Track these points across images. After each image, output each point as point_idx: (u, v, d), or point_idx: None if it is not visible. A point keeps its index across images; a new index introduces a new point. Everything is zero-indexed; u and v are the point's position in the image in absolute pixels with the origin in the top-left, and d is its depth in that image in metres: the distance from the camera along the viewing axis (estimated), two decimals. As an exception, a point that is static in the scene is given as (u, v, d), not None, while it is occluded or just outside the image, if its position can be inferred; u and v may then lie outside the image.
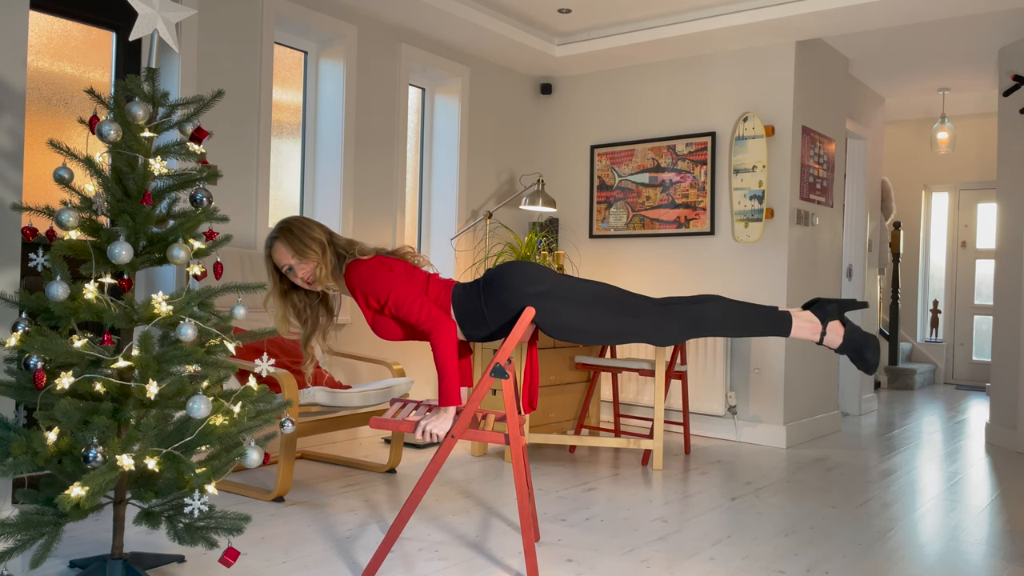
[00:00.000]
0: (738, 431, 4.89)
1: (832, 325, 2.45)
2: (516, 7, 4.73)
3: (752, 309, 2.44)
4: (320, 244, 2.48)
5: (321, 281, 2.48)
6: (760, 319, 2.43)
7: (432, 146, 5.30)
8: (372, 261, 2.48)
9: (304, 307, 2.61)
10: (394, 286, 2.42)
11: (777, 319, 2.43)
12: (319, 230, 2.51)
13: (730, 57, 5.01)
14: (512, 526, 2.98)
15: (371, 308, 2.46)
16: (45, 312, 2.05)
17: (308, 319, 2.61)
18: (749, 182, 4.87)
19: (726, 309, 2.41)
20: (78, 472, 1.99)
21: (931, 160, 8.37)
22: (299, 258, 2.46)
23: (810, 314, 2.45)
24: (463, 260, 5.25)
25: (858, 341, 2.44)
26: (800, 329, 2.44)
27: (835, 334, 2.44)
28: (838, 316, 2.45)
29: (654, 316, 2.40)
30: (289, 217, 2.54)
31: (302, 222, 2.51)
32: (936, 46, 5.08)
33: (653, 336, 2.40)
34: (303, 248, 2.46)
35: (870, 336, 2.45)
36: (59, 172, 2.04)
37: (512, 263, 2.48)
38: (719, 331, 2.42)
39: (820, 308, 2.45)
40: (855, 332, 2.45)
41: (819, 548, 2.83)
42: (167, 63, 3.74)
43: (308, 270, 2.48)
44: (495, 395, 4.21)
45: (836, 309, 2.44)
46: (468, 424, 2.46)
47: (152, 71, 2.11)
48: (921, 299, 8.56)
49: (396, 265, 2.50)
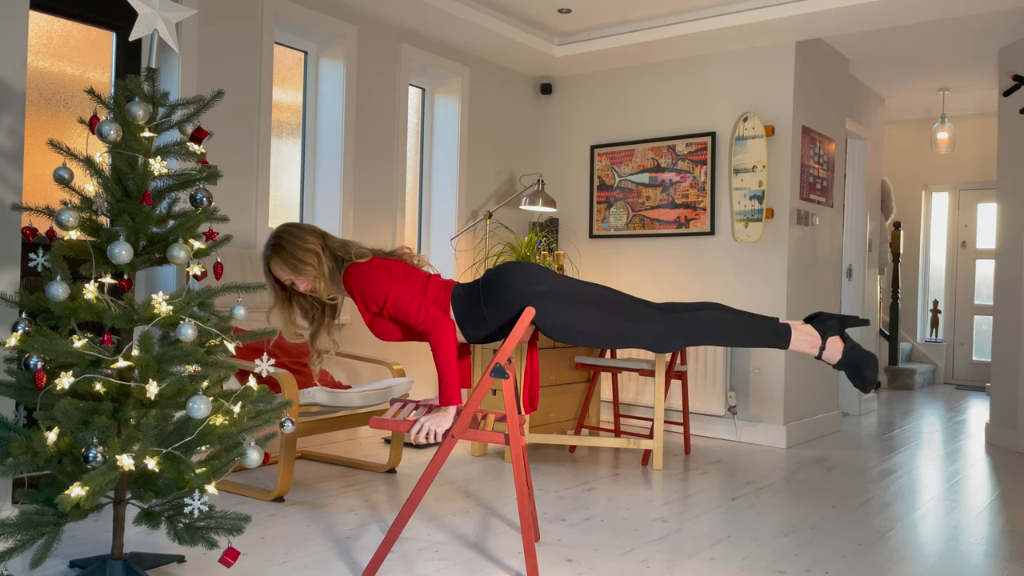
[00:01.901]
0: (738, 431, 4.89)
1: (832, 340, 2.44)
2: (516, 7, 4.73)
3: (752, 320, 2.43)
4: (315, 255, 2.46)
5: (321, 292, 2.48)
6: (759, 330, 2.42)
7: (432, 146, 5.30)
8: (369, 264, 2.47)
9: (311, 306, 2.62)
10: (392, 287, 2.41)
11: (776, 331, 2.43)
12: (312, 239, 2.48)
13: (730, 57, 5.01)
14: (512, 526, 2.98)
15: (369, 311, 2.46)
16: (45, 312, 2.05)
17: (315, 317, 2.62)
18: (749, 182, 4.87)
19: (726, 319, 2.41)
20: (78, 472, 1.99)
21: (931, 160, 8.37)
22: (296, 273, 2.46)
23: (810, 327, 2.44)
24: (463, 260, 5.25)
25: (857, 358, 2.43)
26: (799, 342, 2.43)
27: (834, 349, 2.43)
28: (838, 332, 2.43)
29: (654, 322, 2.39)
30: (280, 229, 2.50)
31: (293, 234, 2.47)
32: (936, 46, 5.08)
33: (652, 342, 2.40)
34: (298, 264, 2.45)
35: (870, 354, 2.44)
36: (59, 172, 2.04)
37: (512, 263, 2.47)
38: (718, 340, 2.41)
39: (821, 323, 2.44)
40: (855, 349, 2.44)
41: (819, 548, 2.83)
42: (167, 63, 3.74)
43: (307, 283, 2.48)
44: (495, 395, 4.21)
45: (837, 325, 2.43)
46: (468, 424, 2.46)
47: (152, 71, 2.11)
48: (921, 299, 8.56)
49: (394, 266, 2.49)
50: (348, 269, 2.46)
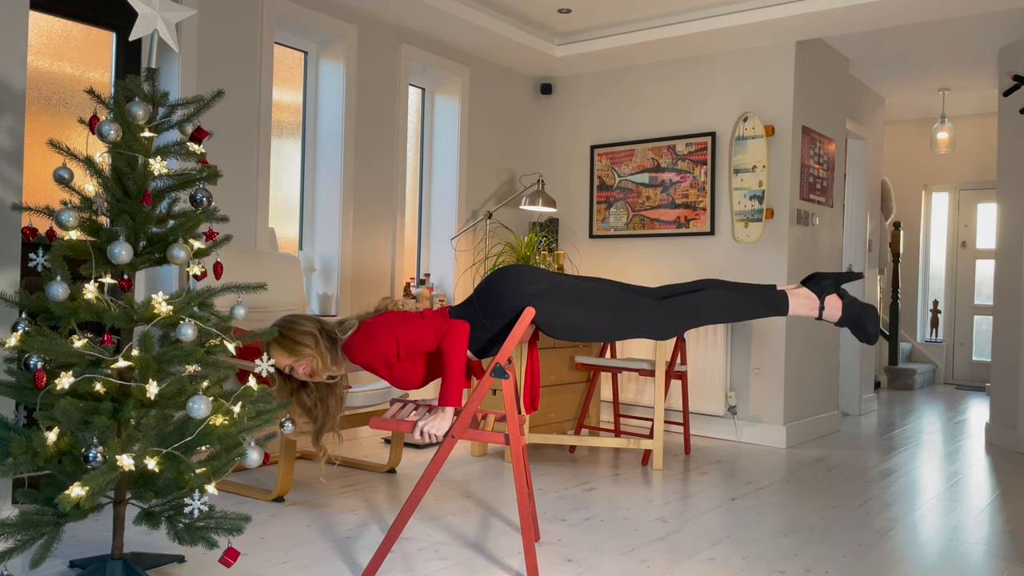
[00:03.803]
0: (738, 431, 4.89)
1: (829, 299, 2.44)
2: (516, 7, 4.73)
3: (749, 292, 2.44)
4: (312, 336, 2.49)
5: (320, 373, 2.50)
6: (758, 301, 2.42)
7: (432, 146, 5.30)
8: (361, 330, 2.48)
9: (314, 403, 2.62)
10: (395, 329, 2.42)
11: (774, 299, 2.43)
12: (308, 323, 2.52)
13: (730, 57, 5.01)
14: (512, 526, 2.98)
15: (389, 365, 2.46)
16: (45, 312, 2.05)
17: (319, 415, 2.62)
18: (749, 182, 4.87)
19: (723, 296, 2.41)
20: (78, 472, 1.99)
21: (931, 160, 8.37)
22: (294, 357, 2.48)
23: (806, 290, 2.45)
24: (463, 260, 5.25)
25: (856, 312, 2.44)
26: (798, 307, 2.44)
27: (833, 308, 2.44)
28: (835, 290, 2.45)
29: (652, 310, 2.39)
30: (277, 320, 2.55)
31: (290, 320, 2.52)
32: (936, 46, 5.08)
33: (653, 331, 2.40)
34: (295, 347, 2.48)
35: (868, 306, 2.45)
36: (59, 172, 2.04)
37: (502, 269, 2.47)
38: (718, 319, 2.42)
39: (816, 284, 2.45)
40: (853, 304, 2.44)
41: (819, 548, 2.83)
42: (167, 63, 3.74)
43: (306, 365, 2.50)
44: (495, 395, 4.21)
45: (832, 283, 2.44)
46: (468, 424, 2.46)
47: (152, 71, 2.11)
48: (921, 299, 8.55)
49: (385, 317, 2.50)
50: (345, 346, 2.49)
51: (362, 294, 4.60)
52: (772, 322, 4.76)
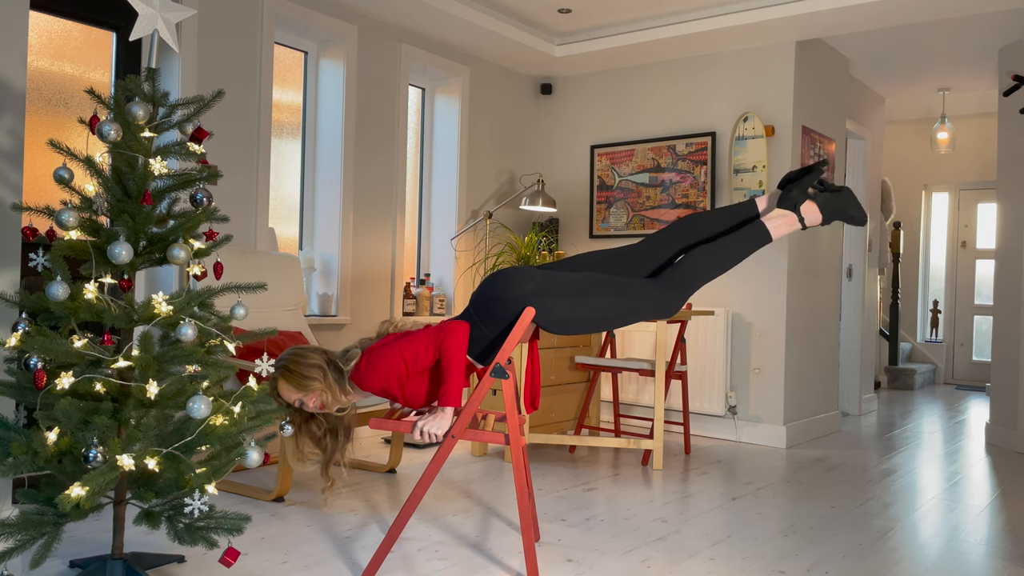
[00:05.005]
0: (738, 431, 4.89)
1: (805, 208, 2.44)
2: (516, 7, 4.73)
3: (730, 238, 2.43)
4: (319, 369, 2.44)
5: (330, 405, 2.47)
6: (741, 244, 2.42)
7: (432, 146, 5.30)
8: (366, 356, 2.45)
9: (324, 434, 2.57)
10: (399, 349, 2.40)
11: (755, 235, 2.43)
12: (314, 355, 2.47)
13: (730, 57, 5.01)
14: (512, 526, 2.98)
15: (400, 386, 2.44)
16: (45, 312, 2.05)
17: (327, 444, 2.59)
18: (749, 182, 4.87)
19: (708, 253, 2.41)
20: (78, 472, 1.99)
21: (931, 160, 8.37)
22: (303, 391, 2.44)
23: (780, 210, 2.44)
24: (463, 260, 5.25)
25: (835, 205, 2.43)
26: (779, 229, 2.43)
27: (812, 214, 2.44)
28: (806, 196, 2.44)
29: (647, 290, 2.38)
30: (284, 354, 2.51)
31: (296, 354, 2.47)
32: (936, 46, 5.08)
33: (653, 311, 2.39)
34: (304, 380, 2.43)
35: (843, 191, 2.44)
36: (59, 172, 2.04)
37: (493, 275, 2.46)
38: (712, 275, 2.42)
39: (786, 200, 2.44)
40: (828, 201, 2.44)
41: (819, 548, 2.83)
42: (167, 63, 3.74)
43: (316, 399, 2.46)
44: (495, 395, 4.21)
45: (800, 192, 2.43)
46: (468, 424, 2.46)
47: (152, 71, 2.11)
48: (921, 299, 8.56)
49: (385, 340, 2.49)
50: (352, 376, 2.46)
51: (362, 294, 4.60)
52: (772, 322, 4.76)
